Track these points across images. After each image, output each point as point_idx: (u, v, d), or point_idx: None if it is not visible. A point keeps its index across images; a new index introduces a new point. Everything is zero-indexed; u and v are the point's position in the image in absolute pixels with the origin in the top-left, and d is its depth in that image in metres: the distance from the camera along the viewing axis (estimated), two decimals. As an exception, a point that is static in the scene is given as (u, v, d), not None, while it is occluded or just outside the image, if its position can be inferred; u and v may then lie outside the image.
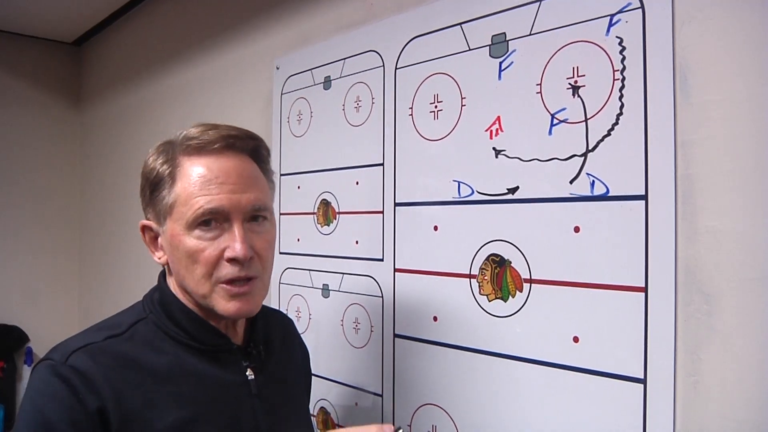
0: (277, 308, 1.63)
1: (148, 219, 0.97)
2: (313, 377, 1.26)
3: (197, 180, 0.90)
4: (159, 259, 0.97)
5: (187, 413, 0.89)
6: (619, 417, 0.92)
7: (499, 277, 1.10)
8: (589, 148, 0.97)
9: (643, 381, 0.90)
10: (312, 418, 1.50)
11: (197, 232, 0.89)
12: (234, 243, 0.89)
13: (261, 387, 0.98)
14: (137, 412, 0.85)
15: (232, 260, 0.89)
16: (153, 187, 0.94)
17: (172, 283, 0.97)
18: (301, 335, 1.26)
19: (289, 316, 1.33)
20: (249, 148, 0.95)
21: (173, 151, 0.93)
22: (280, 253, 1.63)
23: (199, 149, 0.91)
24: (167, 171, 0.92)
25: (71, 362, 0.85)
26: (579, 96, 0.99)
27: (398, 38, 1.31)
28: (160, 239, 0.96)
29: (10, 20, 2.74)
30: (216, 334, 0.96)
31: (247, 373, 0.97)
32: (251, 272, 0.91)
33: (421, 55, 1.26)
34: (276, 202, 1.13)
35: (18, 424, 0.85)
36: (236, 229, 0.89)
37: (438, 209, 1.21)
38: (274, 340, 1.09)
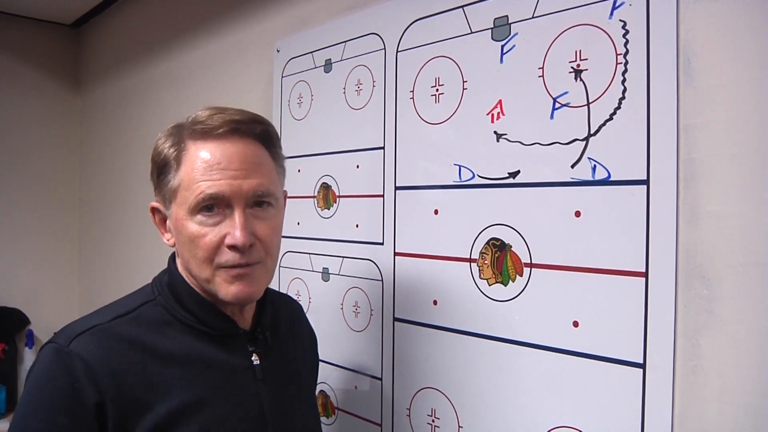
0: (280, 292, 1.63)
1: (157, 201, 0.97)
2: (314, 361, 1.26)
3: (200, 165, 0.89)
4: (168, 241, 0.98)
5: (191, 397, 0.89)
6: (618, 401, 0.93)
7: (500, 261, 1.09)
8: (591, 132, 0.97)
9: (642, 366, 0.90)
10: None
11: (199, 217, 0.89)
12: (234, 230, 0.88)
13: (266, 372, 0.98)
14: (140, 397, 0.86)
15: (232, 247, 0.89)
16: (160, 170, 0.94)
17: (180, 265, 0.97)
18: (303, 319, 1.26)
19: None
20: (256, 132, 0.94)
21: (181, 134, 0.93)
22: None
23: (204, 134, 0.91)
24: (173, 155, 0.92)
25: (74, 347, 0.85)
26: (581, 80, 0.98)
27: (399, 21, 1.30)
28: (168, 221, 0.96)
29: (7, 1, 2.71)
30: (223, 318, 0.96)
31: (252, 358, 0.98)
32: (252, 259, 0.90)
33: (422, 38, 1.25)
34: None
35: (21, 406, 0.86)
36: (237, 216, 0.89)
37: (439, 193, 1.21)
38: (282, 325, 1.09)
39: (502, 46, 1.10)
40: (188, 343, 0.93)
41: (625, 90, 0.93)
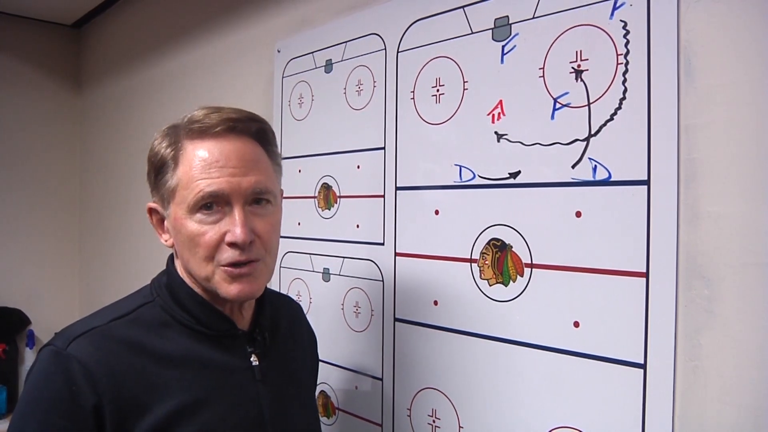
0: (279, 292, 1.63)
1: (154, 202, 0.97)
2: (314, 361, 1.26)
3: (198, 163, 0.89)
4: (166, 241, 0.97)
5: (190, 398, 0.89)
6: (619, 402, 0.93)
7: (500, 261, 1.09)
8: (592, 132, 0.97)
9: (643, 366, 0.90)
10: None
11: (199, 215, 0.89)
12: (234, 227, 0.88)
13: (265, 373, 0.98)
14: (138, 399, 0.86)
15: (232, 244, 0.89)
16: (157, 170, 0.94)
17: (179, 266, 0.97)
18: (303, 319, 1.26)
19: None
20: (252, 130, 0.94)
21: (177, 134, 0.93)
22: (281, 236, 1.62)
23: (201, 133, 0.91)
24: (171, 155, 0.92)
25: (72, 350, 0.85)
26: (582, 80, 0.98)
27: (400, 21, 1.30)
28: (166, 222, 0.96)
29: (9, 2, 2.72)
30: (222, 319, 0.96)
31: (251, 359, 0.97)
32: (252, 256, 0.90)
33: (423, 38, 1.25)
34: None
35: (18, 408, 0.86)
36: (236, 213, 0.89)
37: (439, 193, 1.21)
38: (281, 326, 1.09)
39: (503, 47, 1.10)
40: (187, 344, 0.93)
41: (625, 90, 0.93)
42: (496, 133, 1.10)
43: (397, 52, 1.31)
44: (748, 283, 0.82)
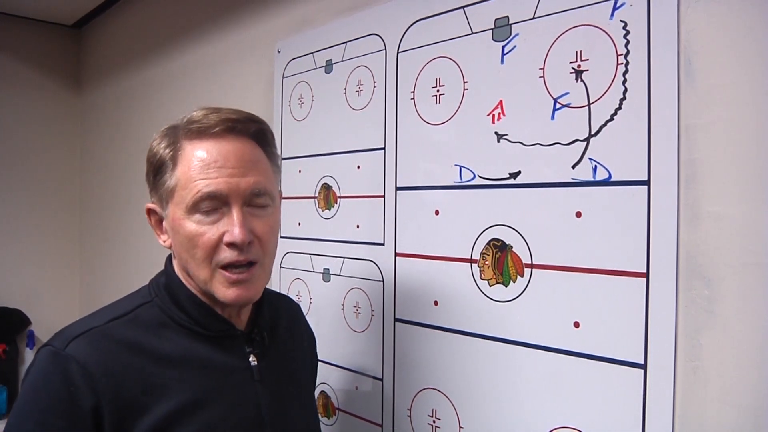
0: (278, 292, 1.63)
1: (153, 202, 0.97)
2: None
3: (197, 164, 0.89)
4: (164, 242, 0.97)
5: (188, 398, 0.89)
6: (619, 402, 0.93)
7: (501, 261, 1.10)
8: (592, 132, 0.97)
9: (643, 366, 0.90)
10: (312, 401, 1.50)
11: (197, 216, 0.89)
12: (232, 227, 0.88)
13: (264, 373, 0.98)
14: (137, 399, 0.85)
15: (231, 244, 0.88)
16: (156, 171, 0.94)
17: (177, 267, 0.97)
18: (303, 319, 1.26)
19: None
20: (251, 131, 0.94)
21: (176, 135, 0.93)
22: (281, 237, 1.63)
23: (200, 133, 0.91)
24: (169, 155, 0.92)
25: (71, 350, 0.85)
26: (582, 80, 0.98)
27: (400, 22, 1.30)
28: (164, 223, 0.96)
29: (9, 2, 2.72)
30: (220, 320, 0.95)
31: (250, 359, 0.97)
32: (251, 256, 0.90)
33: (423, 38, 1.25)
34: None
35: (16, 408, 0.86)
36: (235, 214, 0.89)
37: (439, 193, 1.21)
38: (280, 326, 1.09)
39: (503, 47, 1.10)
40: (185, 344, 0.92)
41: (625, 90, 0.93)
42: (496, 133, 1.10)
43: (397, 52, 1.31)
44: (748, 283, 0.82)
